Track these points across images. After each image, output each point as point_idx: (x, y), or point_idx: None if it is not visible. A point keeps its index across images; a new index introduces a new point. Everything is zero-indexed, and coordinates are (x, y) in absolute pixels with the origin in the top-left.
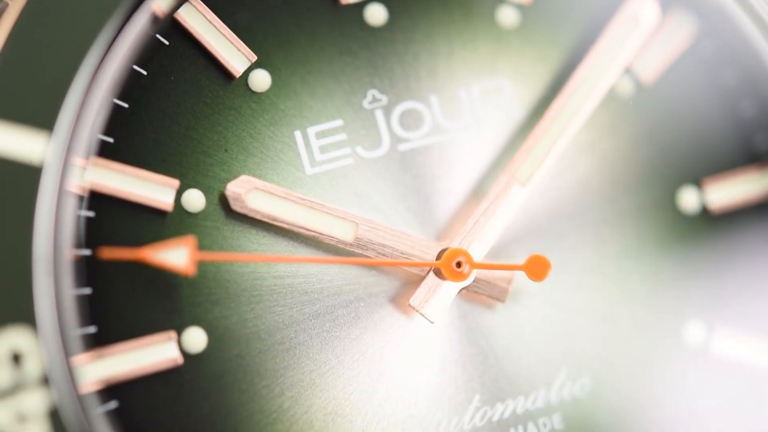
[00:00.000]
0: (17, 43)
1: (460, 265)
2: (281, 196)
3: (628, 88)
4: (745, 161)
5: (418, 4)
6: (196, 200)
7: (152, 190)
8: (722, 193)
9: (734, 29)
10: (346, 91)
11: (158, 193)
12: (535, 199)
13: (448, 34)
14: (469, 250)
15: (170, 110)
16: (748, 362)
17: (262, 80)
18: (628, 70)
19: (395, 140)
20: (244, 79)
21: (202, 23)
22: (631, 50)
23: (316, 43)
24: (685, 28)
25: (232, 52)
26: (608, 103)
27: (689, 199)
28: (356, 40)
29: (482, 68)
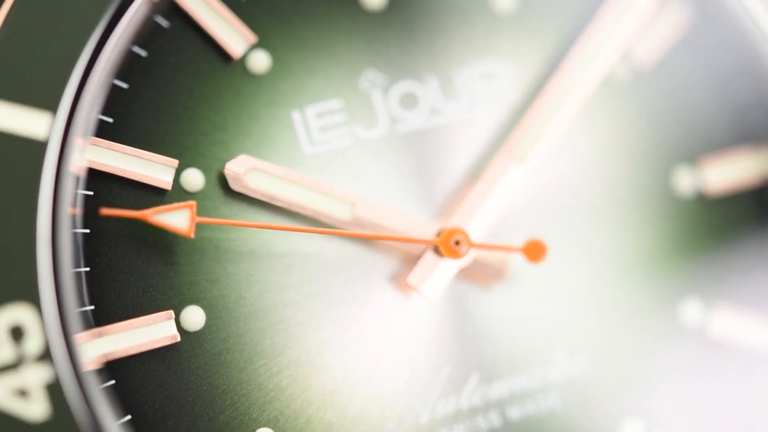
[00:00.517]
0: (18, 24)
1: (458, 243)
2: (280, 175)
3: (625, 73)
4: (740, 144)
5: None
6: (194, 179)
7: (151, 169)
8: (718, 175)
9: (729, 14)
10: (344, 72)
11: (157, 172)
12: (532, 180)
13: (446, 15)
14: (467, 229)
15: (169, 91)
16: (744, 342)
17: (261, 61)
18: (625, 55)
19: (393, 121)
20: (243, 60)
21: (201, 5)
22: (627, 31)
23: (315, 24)
24: (681, 13)
25: (231, 33)
26: (605, 87)
27: (685, 181)
28: (355, 22)
29: (481, 50)
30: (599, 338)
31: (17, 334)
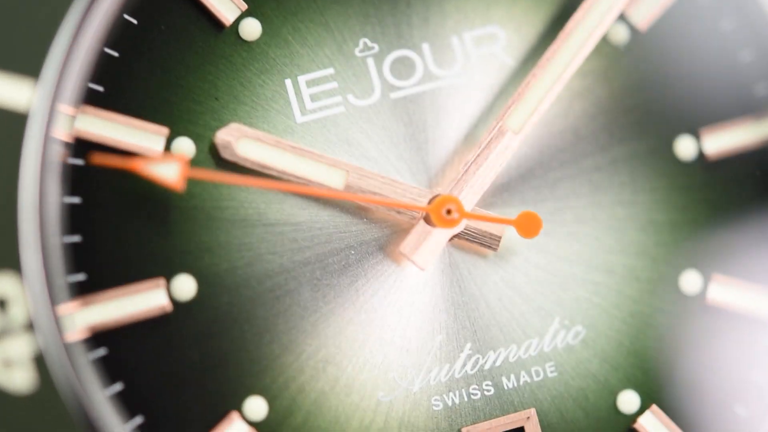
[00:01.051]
0: None
1: (450, 212)
2: (271, 143)
3: (622, 34)
4: (742, 108)
5: None
6: (186, 148)
7: (142, 138)
8: (719, 140)
9: None
10: (337, 39)
11: (148, 140)
12: (527, 147)
13: None
14: (459, 197)
15: (161, 59)
16: (744, 311)
17: (252, 29)
18: (623, 15)
19: (387, 88)
20: (234, 27)
21: None
22: None
23: None
24: None
25: (222, 0)
26: (602, 49)
27: (685, 146)
28: None
29: (475, 15)
30: (595, 308)
31: (2, 304)
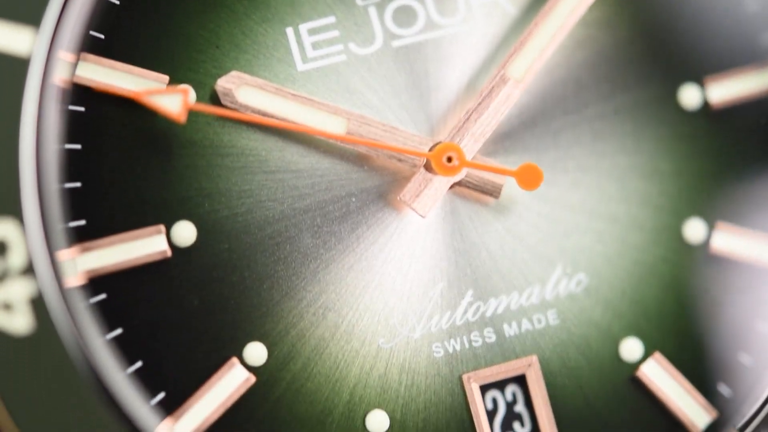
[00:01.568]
0: None
1: (450, 159)
2: (272, 91)
3: None
4: (747, 57)
5: None
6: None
7: (142, 85)
8: (724, 88)
9: None
10: None
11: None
12: (529, 96)
13: None
14: (461, 145)
15: (161, 7)
16: (748, 260)
17: None
18: None
19: (389, 36)
20: None
21: None
22: None
23: None
24: None
25: None
26: None
27: (690, 94)
28: None
29: None
30: (597, 256)
31: (2, 249)
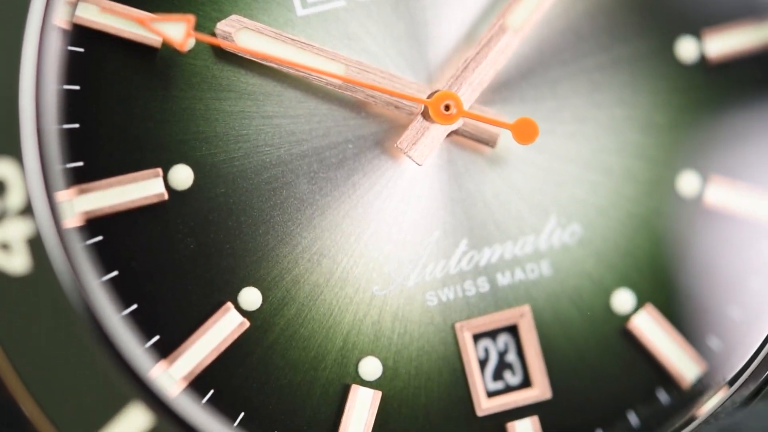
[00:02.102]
0: None
1: (448, 108)
2: (271, 36)
3: None
4: (745, 11)
5: None
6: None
7: (142, 27)
8: (721, 42)
9: None
10: None
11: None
12: (527, 46)
13: None
14: (458, 94)
15: None
16: (742, 214)
17: None
18: None
19: None
20: None
21: None
22: None
23: None
24: None
25: None
26: None
27: (687, 47)
28: None
29: None
30: (592, 207)
31: (0, 188)
